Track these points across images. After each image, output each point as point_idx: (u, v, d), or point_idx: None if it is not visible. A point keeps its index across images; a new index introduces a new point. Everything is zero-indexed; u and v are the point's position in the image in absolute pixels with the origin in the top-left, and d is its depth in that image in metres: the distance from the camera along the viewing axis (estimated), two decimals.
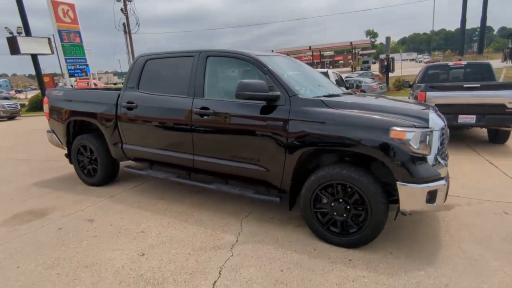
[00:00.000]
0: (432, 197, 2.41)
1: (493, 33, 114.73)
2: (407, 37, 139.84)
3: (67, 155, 4.73)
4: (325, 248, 2.71)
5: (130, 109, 3.79)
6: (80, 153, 4.53)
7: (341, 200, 2.66)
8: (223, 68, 3.70)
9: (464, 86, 5.61)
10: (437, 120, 2.62)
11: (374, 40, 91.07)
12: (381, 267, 2.44)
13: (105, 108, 4.04)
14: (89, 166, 4.48)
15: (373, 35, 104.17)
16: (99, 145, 4.28)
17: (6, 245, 2.95)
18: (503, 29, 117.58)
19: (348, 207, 2.63)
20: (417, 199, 2.40)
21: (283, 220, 3.26)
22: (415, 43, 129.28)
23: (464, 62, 7.51)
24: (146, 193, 4.17)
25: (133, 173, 4.12)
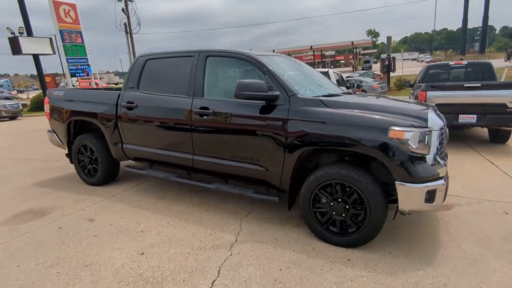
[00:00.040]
0: (431, 196, 2.41)
1: (495, 32, 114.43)
2: (408, 36, 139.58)
3: (67, 155, 4.75)
4: (324, 248, 2.71)
5: (130, 109, 3.80)
6: (81, 153, 4.55)
7: (340, 200, 2.66)
8: (222, 68, 3.70)
9: (465, 85, 5.59)
10: (436, 120, 2.62)
11: (375, 39, 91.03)
12: (380, 266, 2.44)
13: (105, 108, 4.05)
14: (90, 165, 4.50)
15: (374, 34, 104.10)
16: (99, 145, 4.30)
17: (7, 244, 2.97)
18: (505, 28, 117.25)
19: (347, 206, 2.64)
20: (415, 198, 2.40)
21: (283, 219, 3.26)
22: (416, 43, 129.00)
23: (465, 62, 7.48)
24: (146, 192, 4.19)
25: (133, 172, 4.13)
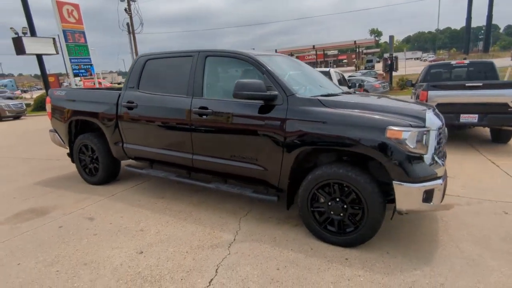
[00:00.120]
0: (428, 196, 2.41)
1: (499, 31, 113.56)
2: (411, 35, 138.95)
3: (69, 154, 4.78)
4: (322, 247, 2.72)
5: (130, 109, 3.83)
6: (82, 152, 4.58)
7: (338, 199, 2.66)
8: (222, 67, 3.71)
9: (466, 85, 5.56)
10: (434, 120, 2.61)
11: (378, 39, 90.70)
12: (377, 266, 2.44)
13: (106, 108, 4.08)
14: (91, 165, 4.53)
15: (377, 34, 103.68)
16: (100, 144, 4.32)
17: (8, 242, 3.00)
18: (509, 27, 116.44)
19: (345, 206, 2.64)
20: (413, 198, 2.40)
21: (281, 219, 3.27)
22: (420, 42, 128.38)
23: (467, 61, 7.44)
24: (146, 192, 4.21)
25: (133, 172, 4.15)
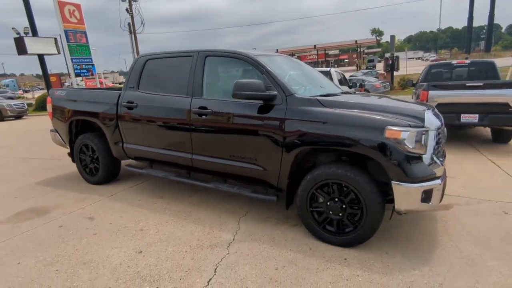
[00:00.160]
0: (427, 196, 2.41)
1: (501, 31, 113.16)
2: (413, 35, 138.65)
3: (69, 154, 4.79)
4: (321, 247, 2.72)
5: (130, 109, 3.84)
6: (83, 152, 4.59)
7: (337, 199, 2.66)
8: (221, 67, 3.71)
9: (467, 84, 5.55)
10: (433, 120, 2.61)
11: (379, 38, 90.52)
12: (376, 266, 2.44)
13: (106, 108, 4.09)
14: (91, 165, 4.54)
15: (378, 33, 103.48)
16: (100, 144, 4.34)
17: (8, 242, 3.01)
18: (511, 26, 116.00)
19: (344, 206, 2.64)
20: (412, 198, 2.40)
21: (280, 219, 3.27)
22: (421, 42, 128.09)
23: (467, 61, 7.43)
24: (146, 191, 4.22)
25: (133, 171, 4.16)
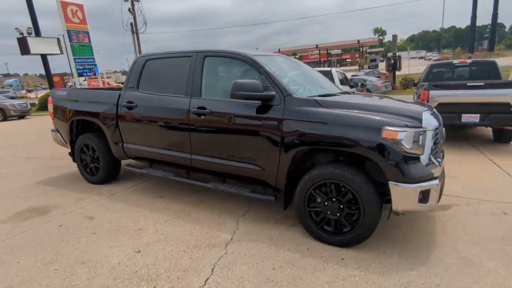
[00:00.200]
0: (424, 197, 2.41)
1: (504, 30, 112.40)
2: (416, 34, 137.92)
3: (70, 154, 4.83)
4: (319, 247, 2.72)
5: (130, 109, 3.85)
6: (83, 152, 4.62)
7: (334, 199, 2.66)
8: (220, 68, 3.72)
9: (468, 84, 5.53)
10: (430, 120, 2.60)
11: (382, 38, 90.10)
12: (373, 266, 2.44)
13: (106, 108, 4.11)
14: (92, 164, 4.57)
15: (381, 33, 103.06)
16: (101, 144, 4.36)
17: (8, 241, 3.04)
18: None
19: (341, 206, 2.64)
20: (409, 199, 2.40)
21: (279, 219, 3.28)
22: (424, 41, 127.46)
23: (469, 60, 7.39)
24: (145, 191, 4.24)
25: (133, 171, 4.18)
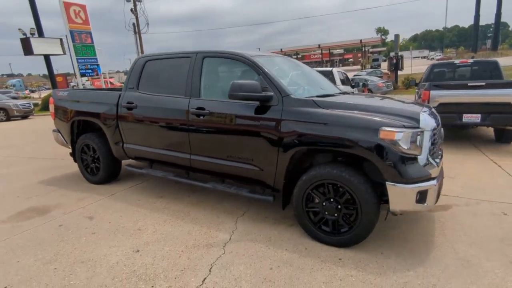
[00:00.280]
0: (422, 197, 2.41)
1: (508, 29, 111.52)
2: (419, 34, 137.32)
3: (71, 154, 4.86)
4: (317, 247, 2.73)
5: (130, 109, 3.87)
6: (84, 152, 4.65)
7: (332, 200, 2.67)
8: (219, 68, 3.73)
9: (469, 84, 5.51)
10: (428, 121, 2.59)
11: (384, 37, 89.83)
12: (370, 266, 2.44)
13: (106, 108, 4.13)
14: (92, 164, 4.60)
15: (383, 32, 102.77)
16: (101, 144, 4.39)
17: (9, 240, 3.07)
18: None
19: (339, 206, 2.64)
20: (407, 199, 2.40)
21: (277, 219, 3.29)
22: (427, 40, 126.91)
23: (470, 60, 7.36)
24: (145, 191, 4.26)
25: (133, 171, 4.20)
